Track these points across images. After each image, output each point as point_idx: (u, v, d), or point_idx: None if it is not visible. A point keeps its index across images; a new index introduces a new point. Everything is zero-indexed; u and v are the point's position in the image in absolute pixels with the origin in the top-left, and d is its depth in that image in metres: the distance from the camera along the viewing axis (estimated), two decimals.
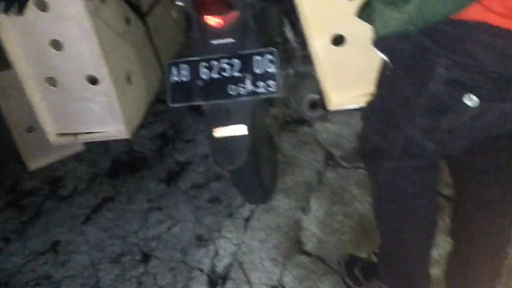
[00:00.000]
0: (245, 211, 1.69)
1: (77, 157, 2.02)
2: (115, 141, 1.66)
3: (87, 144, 2.03)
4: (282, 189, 1.74)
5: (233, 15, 1.22)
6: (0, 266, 1.65)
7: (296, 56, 1.47)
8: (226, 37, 1.24)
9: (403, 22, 0.71)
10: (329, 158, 1.85)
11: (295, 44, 1.46)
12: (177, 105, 1.27)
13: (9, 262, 1.66)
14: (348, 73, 1.12)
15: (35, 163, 1.96)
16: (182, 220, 1.69)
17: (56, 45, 1.15)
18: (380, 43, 0.86)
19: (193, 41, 1.30)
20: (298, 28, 1.36)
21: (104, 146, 2.04)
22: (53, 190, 1.89)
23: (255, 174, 1.42)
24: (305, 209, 1.66)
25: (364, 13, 0.83)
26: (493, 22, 0.67)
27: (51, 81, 1.21)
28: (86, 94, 1.21)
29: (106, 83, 1.18)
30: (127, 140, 2.01)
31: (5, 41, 1.14)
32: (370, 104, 0.99)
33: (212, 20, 1.23)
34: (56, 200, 1.84)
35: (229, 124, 1.26)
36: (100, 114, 1.25)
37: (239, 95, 1.23)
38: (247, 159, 1.27)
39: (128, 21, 1.26)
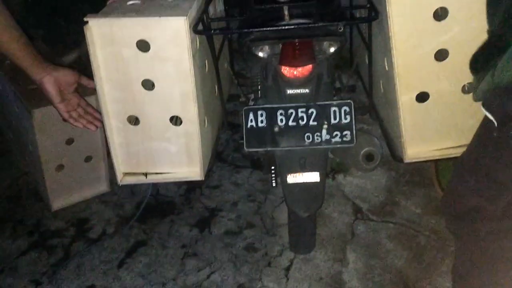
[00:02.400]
0: (284, 260, 1.69)
1: (101, 199, 1.97)
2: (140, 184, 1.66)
3: (111, 185, 1.99)
4: (317, 240, 1.75)
5: (310, 67, 1.29)
6: None
7: None
8: (302, 87, 1.30)
9: None
10: (358, 211, 1.90)
11: None
12: (253, 149, 1.31)
13: None
14: (427, 128, 1.19)
15: (59, 203, 1.89)
16: (220, 267, 1.67)
17: (147, 84, 1.16)
18: (490, 103, 0.90)
19: (268, 89, 1.35)
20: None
21: (129, 188, 2.01)
22: (80, 232, 1.82)
23: (313, 222, 1.44)
24: (343, 261, 1.68)
25: (477, 63, 0.89)
26: None
27: (134, 120, 1.21)
28: (167, 134, 1.22)
29: (189, 124, 1.20)
30: (153, 184, 2.00)
31: (96, 76, 1.15)
32: (464, 163, 1.02)
33: (290, 71, 1.29)
34: (85, 242, 1.77)
35: (303, 171, 1.30)
36: (176, 155, 1.25)
37: (314, 143, 1.27)
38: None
39: (207, 65, 1.31)
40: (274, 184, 1.48)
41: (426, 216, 1.86)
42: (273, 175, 1.46)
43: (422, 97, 1.16)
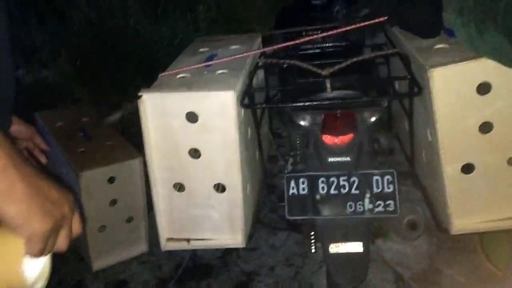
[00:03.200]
0: None
1: (141, 260, 1.98)
2: None
3: (150, 246, 2.02)
4: None
5: (351, 136, 1.31)
6: None
7: None
8: (343, 156, 1.32)
9: None
10: (399, 279, 1.85)
11: None
12: (294, 218, 1.31)
13: None
14: (473, 199, 1.17)
15: (99, 263, 1.92)
16: None
17: (194, 153, 1.20)
18: None
19: (309, 156, 1.37)
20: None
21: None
22: None
23: None
24: None
25: None
26: None
27: (179, 187, 1.25)
28: (211, 201, 1.24)
29: (233, 192, 1.22)
30: None
31: (146, 145, 1.20)
32: None
33: (332, 140, 1.31)
34: None
35: (345, 241, 1.28)
36: (218, 222, 1.27)
37: (357, 212, 1.27)
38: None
39: (249, 134, 1.34)
40: (313, 250, 1.46)
41: (470, 285, 1.79)
42: (312, 241, 1.45)
43: (468, 168, 1.15)
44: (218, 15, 4.34)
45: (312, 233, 1.44)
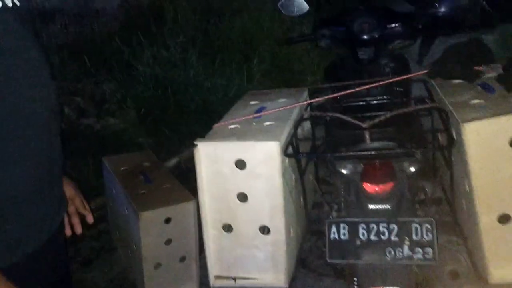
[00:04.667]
0: None
1: None
2: None
3: (200, 285, 2.11)
4: None
5: (391, 184, 1.38)
6: None
7: None
8: (383, 203, 1.38)
9: None
10: None
11: None
12: (335, 261, 1.37)
13: None
14: (511, 250, 1.20)
15: None
16: None
17: (242, 197, 1.31)
18: None
19: (350, 203, 1.44)
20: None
21: None
22: None
23: None
24: None
25: None
26: None
27: (227, 228, 1.36)
28: (256, 242, 1.34)
29: (277, 234, 1.31)
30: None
31: (199, 189, 1.33)
32: None
33: (372, 188, 1.39)
34: None
35: (384, 286, 1.33)
36: (263, 262, 1.36)
37: (396, 258, 1.31)
38: None
39: (294, 181, 1.44)
40: None
41: None
42: (356, 286, 1.50)
43: (504, 218, 1.19)
44: (272, 67, 4.55)
45: (355, 278, 1.49)
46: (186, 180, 2.29)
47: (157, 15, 4.56)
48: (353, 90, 1.54)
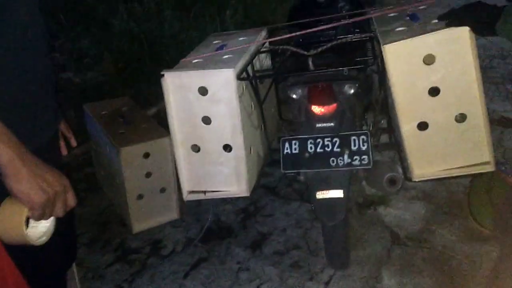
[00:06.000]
0: (324, 276, 1.94)
1: (173, 224, 2.34)
2: (205, 213, 2.02)
3: (181, 214, 2.37)
4: (355, 260, 1.99)
5: (334, 106, 1.61)
6: None
7: None
8: (328, 122, 1.62)
9: None
10: (395, 237, 2.11)
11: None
12: (288, 171, 1.62)
13: None
14: (429, 152, 1.44)
15: (138, 227, 2.29)
16: (268, 280, 1.95)
17: (206, 120, 1.53)
18: None
19: (301, 124, 1.68)
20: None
21: (195, 216, 2.37)
22: (154, 249, 2.20)
23: (344, 236, 1.70)
24: (377, 278, 1.89)
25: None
26: None
27: (195, 148, 1.58)
28: (221, 159, 1.57)
29: (238, 151, 1.54)
30: (215, 213, 2.35)
31: (169, 115, 1.54)
32: None
33: (318, 109, 1.62)
34: (158, 258, 2.14)
35: (329, 189, 1.58)
36: (228, 176, 1.59)
37: (338, 166, 1.56)
38: (343, 218, 1.58)
39: (252, 106, 1.66)
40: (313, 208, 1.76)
41: (460, 243, 2.03)
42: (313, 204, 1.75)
43: (423, 126, 1.43)
44: (245, 19, 4.69)
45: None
46: (165, 128, 2.50)
47: None
48: (309, 30, 1.73)
